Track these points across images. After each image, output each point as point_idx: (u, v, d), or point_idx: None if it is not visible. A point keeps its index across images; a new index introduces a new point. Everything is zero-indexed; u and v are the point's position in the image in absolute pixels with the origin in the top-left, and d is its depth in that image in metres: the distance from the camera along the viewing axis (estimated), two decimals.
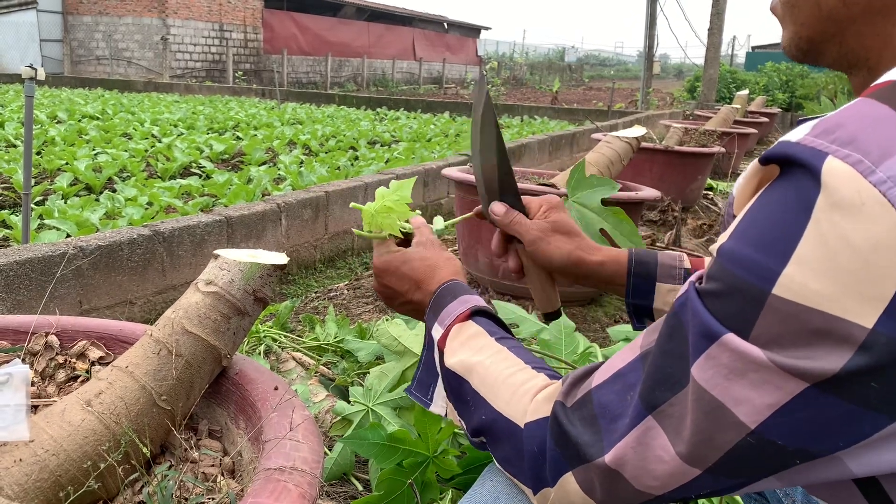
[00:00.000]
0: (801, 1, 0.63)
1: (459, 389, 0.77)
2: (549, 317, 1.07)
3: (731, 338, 0.51)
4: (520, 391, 0.70)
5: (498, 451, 0.71)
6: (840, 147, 0.48)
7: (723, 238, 0.55)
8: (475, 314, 0.82)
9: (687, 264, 0.99)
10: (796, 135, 0.51)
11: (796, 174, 0.50)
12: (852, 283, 0.46)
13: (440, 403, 0.84)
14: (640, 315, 1.01)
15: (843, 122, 0.49)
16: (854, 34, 0.60)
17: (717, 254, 0.54)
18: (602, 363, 0.66)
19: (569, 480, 0.62)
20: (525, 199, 1.03)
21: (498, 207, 1.00)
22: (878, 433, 0.49)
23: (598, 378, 0.63)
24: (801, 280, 0.48)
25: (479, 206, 1.06)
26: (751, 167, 0.56)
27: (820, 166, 0.48)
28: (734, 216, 0.57)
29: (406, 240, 0.99)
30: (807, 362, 0.48)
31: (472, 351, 0.77)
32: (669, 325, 0.57)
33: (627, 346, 0.63)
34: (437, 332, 0.83)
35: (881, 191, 0.46)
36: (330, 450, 1.61)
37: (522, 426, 0.67)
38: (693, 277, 0.57)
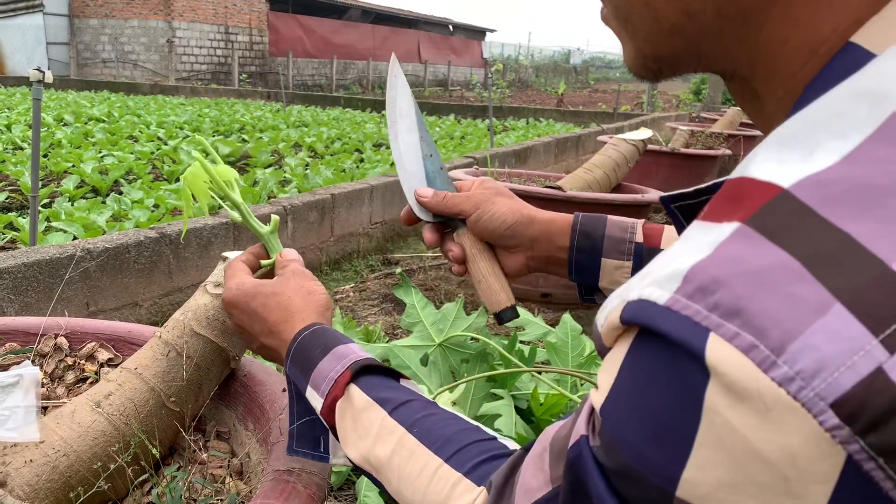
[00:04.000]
0: (636, 15, 0.50)
1: (377, 482, 0.68)
2: (503, 316, 0.88)
3: None
4: None
5: None
6: (724, 320, 0.35)
7: (603, 386, 0.44)
8: (357, 375, 0.70)
9: (639, 237, 0.87)
10: (659, 287, 0.38)
11: (671, 350, 0.37)
12: (770, 496, 0.36)
13: (342, 455, 0.74)
14: (591, 290, 0.91)
15: (721, 277, 0.36)
16: (712, 45, 0.49)
17: (600, 413, 0.43)
18: (529, 446, 0.54)
19: None
20: (457, 183, 0.94)
21: (424, 191, 0.90)
22: None
23: (517, 501, 0.53)
24: (704, 489, 0.37)
25: (407, 207, 0.92)
26: (611, 320, 0.43)
27: (702, 348, 0.36)
28: (608, 348, 0.45)
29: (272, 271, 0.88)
30: None
31: (371, 440, 0.66)
32: (568, 479, 0.47)
33: (539, 463, 0.51)
34: (313, 398, 0.71)
35: (790, 392, 0.34)
36: None
37: None
38: (583, 426, 0.45)
